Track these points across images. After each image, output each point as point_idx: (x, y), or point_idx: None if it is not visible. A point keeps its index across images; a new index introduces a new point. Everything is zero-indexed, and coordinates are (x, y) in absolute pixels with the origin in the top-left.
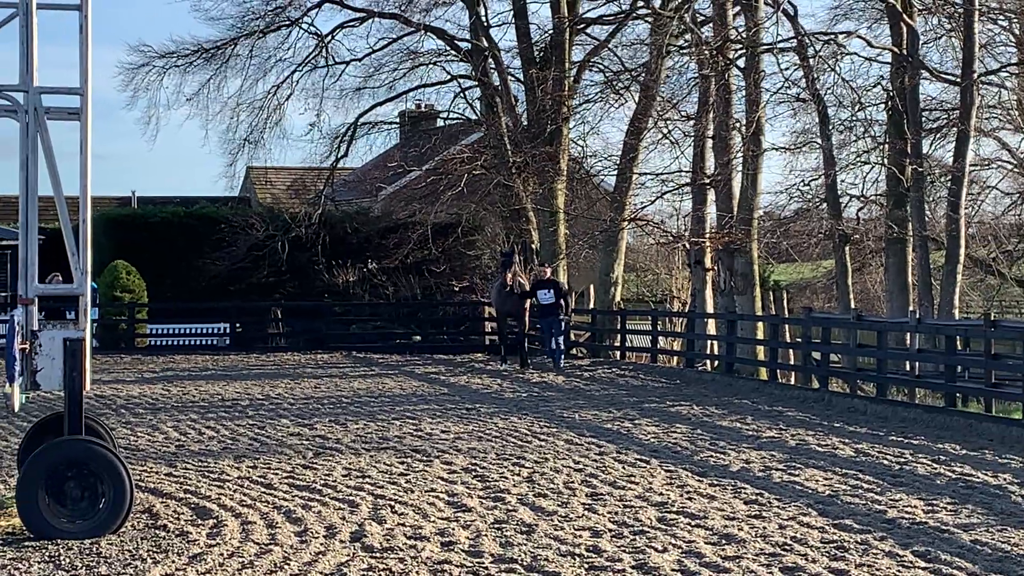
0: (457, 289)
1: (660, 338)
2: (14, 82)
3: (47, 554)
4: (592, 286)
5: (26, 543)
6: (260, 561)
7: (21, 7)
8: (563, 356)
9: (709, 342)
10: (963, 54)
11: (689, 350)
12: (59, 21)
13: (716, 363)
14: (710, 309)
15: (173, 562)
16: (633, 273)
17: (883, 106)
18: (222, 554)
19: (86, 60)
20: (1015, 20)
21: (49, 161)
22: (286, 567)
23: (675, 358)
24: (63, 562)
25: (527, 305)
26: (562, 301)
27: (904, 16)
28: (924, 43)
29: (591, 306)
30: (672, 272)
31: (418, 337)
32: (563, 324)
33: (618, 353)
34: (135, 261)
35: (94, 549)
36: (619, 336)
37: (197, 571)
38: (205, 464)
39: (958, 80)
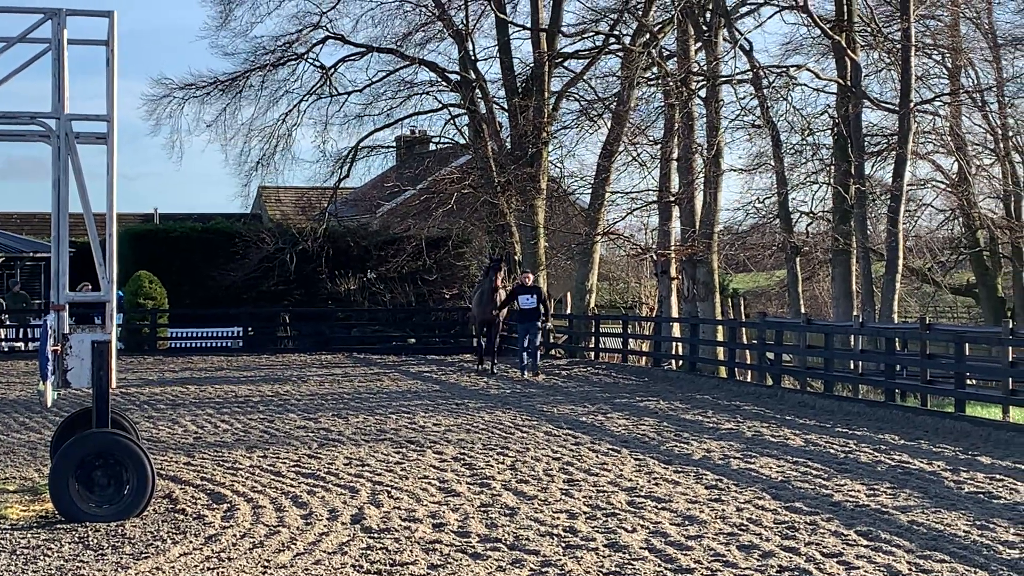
0: (448, 296)
1: (630, 340)
2: (47, 110)
3: (77, 535)
4: (569, 293)
5: (58, 525)
6: (269, 541)
7: (53, 42)
8: (537, 360)
9: (674, 343)
10: (901, 85)
11: (656, 351)
12: (88, 55)
13: (680, 362)
14: (675, 314)
15: (191, 542)
16: (606, 282)
17: (829, 132)
18: (235, 535)
19: (112, 90)
20: (947, 55)
21: (79, 181)
22: (293, 546)
23: (644, 358)
24: (91, 542)
25: (504, 313)
26: (541, 307)
27: (848, 51)
28: (866, 75)
29: (568, 311)
30: (641, 281)
31: (412, 340)
32: (541, 330)
33: (593, 354)
34: (157, 271)
35: (119, 531)
36: (593, 338)
37: (212, 550)
38: (220, 454)
39: (896, 108)
